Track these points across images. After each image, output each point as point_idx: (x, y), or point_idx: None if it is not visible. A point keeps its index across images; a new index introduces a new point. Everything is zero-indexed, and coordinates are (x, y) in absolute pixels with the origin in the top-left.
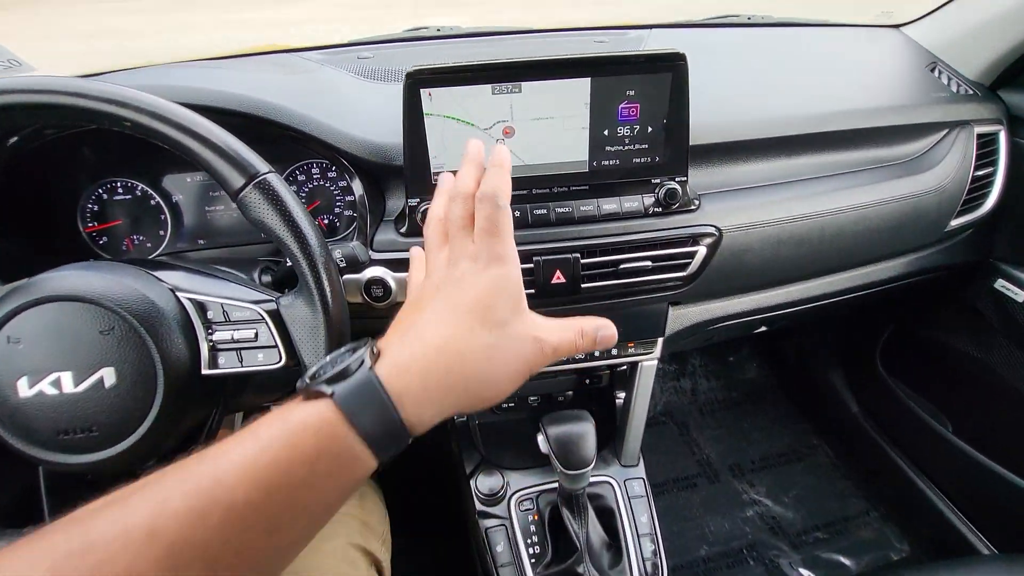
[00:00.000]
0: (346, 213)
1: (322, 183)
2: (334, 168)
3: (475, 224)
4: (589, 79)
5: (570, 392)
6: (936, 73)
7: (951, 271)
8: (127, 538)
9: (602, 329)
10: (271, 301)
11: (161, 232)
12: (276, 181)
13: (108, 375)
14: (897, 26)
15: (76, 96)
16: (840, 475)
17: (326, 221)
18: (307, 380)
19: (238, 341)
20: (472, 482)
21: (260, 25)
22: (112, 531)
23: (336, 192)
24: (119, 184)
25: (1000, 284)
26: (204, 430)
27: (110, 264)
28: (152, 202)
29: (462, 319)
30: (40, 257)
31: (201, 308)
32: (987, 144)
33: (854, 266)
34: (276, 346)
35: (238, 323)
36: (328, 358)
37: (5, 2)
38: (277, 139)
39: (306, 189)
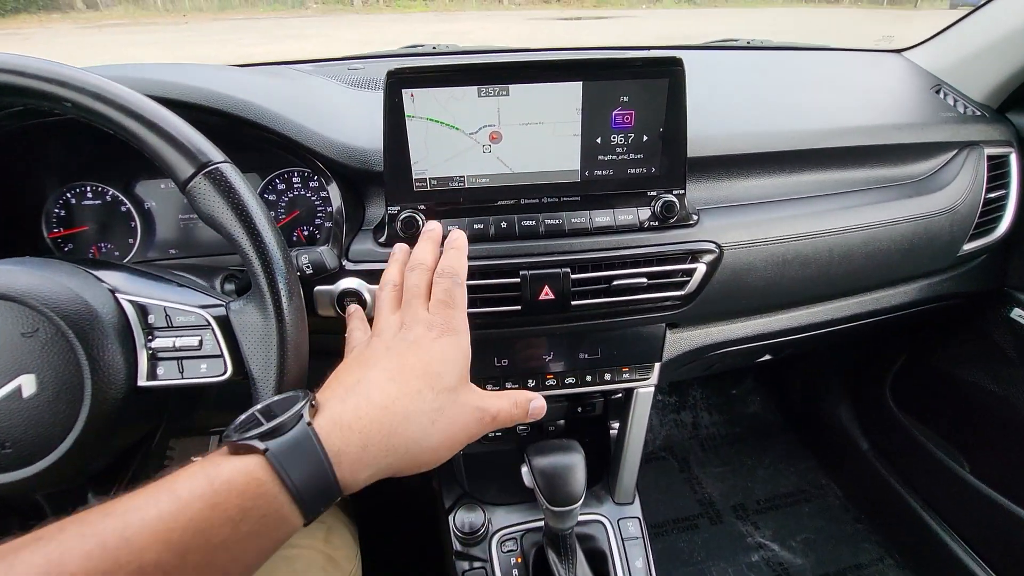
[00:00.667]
0: (327, 224)
1: (303, 192)
2: (316, 177)
3: (432, 295)
4: (581, 83)
5: (561, 421)
6: (942, 95)
7: (965, 299)
8: None
9: (534, 400)
10: (220, 306)
11: (130, 240)
12: (230, 171)
13: (27, 383)
14: (899, 51)
15: (12, 73)
16: (851, 518)
17: (306, 232)
18: (234, 431)
19: (180, 349)
20: (451, 518)
21: (273, 58)
22: None
23: (317, 202)
24: (88, 188)
25: (1017, 314)
26: (142, 451)
27: (45, 261)
28: (123, 208)
29: (411, 382)
30: None
31: (142, 312)
32: (998, 166)
33: (864, 290)
34: (222, 356)
35: (181, 329)
36: (260, 406)
37: (27, 31)
38: (257, 145)
39: (286, 198)
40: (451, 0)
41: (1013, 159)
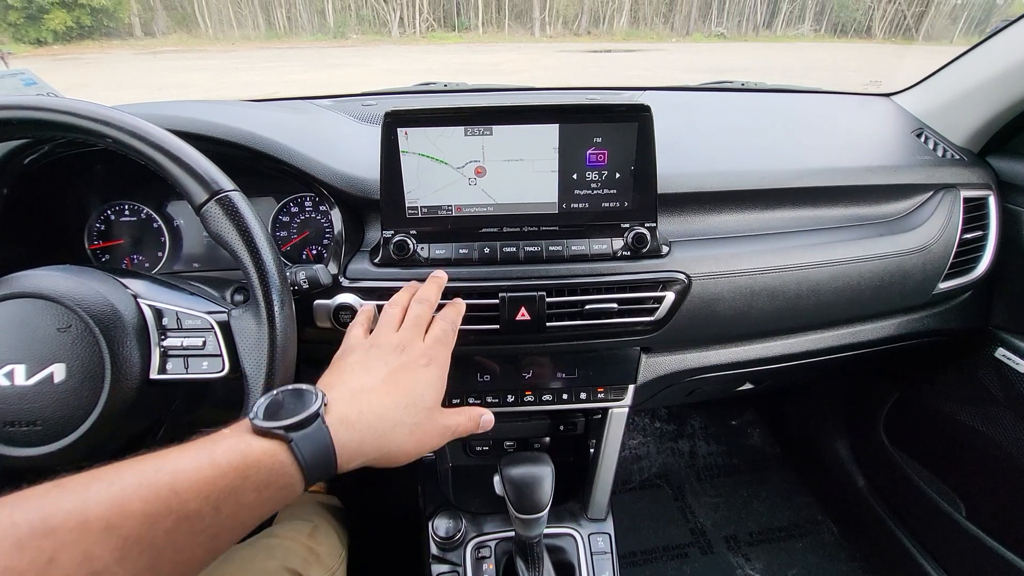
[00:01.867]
0: (333, 245)
1: (314, 215)
2: (322, 203)
3: (431, 331)
4: (557, 125)
5: (547, 439)
6: (922, 139)
7: (949, 337)
8: (86, 528)
9: (484, 415)
10: (223, 312)
11: (159, 253)
12: (238, 199)
13: (59, 371)
14: (888, 95)
15: (66, 114)
16: (845, 556)
17: (314, 251)
18: (262, 415)
19: (187, 348)
20: (430, 524)
21: (312, 85)
22: (72, 520)
23: (325, 224)
24: (126, 206)
25: (1001, 353)
26: (147, 440)
27: (81, 268)
28: (155, 225)
29: (402, 398)
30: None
31: (158, 315)
32: (976, 208)
33: (837, 324)
34: (221, 355)
35: (189, 331)
36: (277, 395)
37: (90, 56)
38: (274, 173)
39: (298, 220)
40: (484, 32)
41: (992, 201)
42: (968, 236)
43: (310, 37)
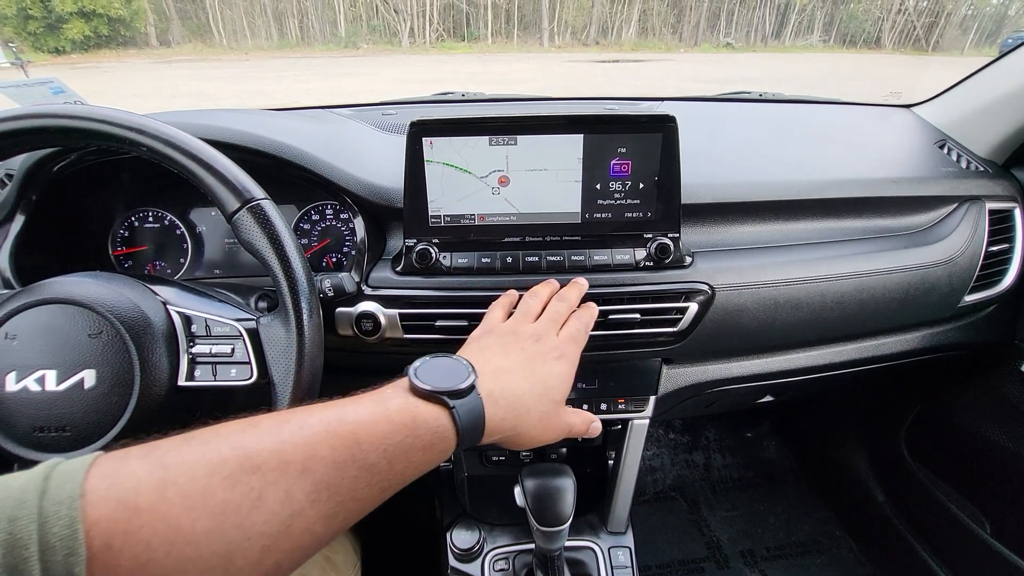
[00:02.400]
0: (352, 253)
1: (334, 223)
2: (345, 211)
3: (566, 328)
4: (582, 135)
5: (564, 449)
6: (945, 150)
7: (974, 351)
8: (286, 469)
9: (595, 422)
10: (251, 320)
11: (181, 260)
12: (269, 207)
13: (89, 377)
14: (908, 106)
15: (103, 123)
16: (864, 573)
17: (334, 259)
18: (419, 379)
19: (215, 355)
20: (448, 535)
21: (323, 93)
22: (275, 459)
23: (346, 232)
24: (150, 213)
25: None
26: None
27: (111, 275)
28: (177, 231)
29: (536, 385)
30: (68, 273)
31: (187, 321)
32: (1002, 221)
33: (861, 336)
34: (249, 363)
35: (218, 338)
36: (430, 359)
37: (107, 65)
38: (297, 181)
39: (319, 227)
40: (493, 42)
41: (1018, 214)
42: (994, 249)
43: (322, 47)
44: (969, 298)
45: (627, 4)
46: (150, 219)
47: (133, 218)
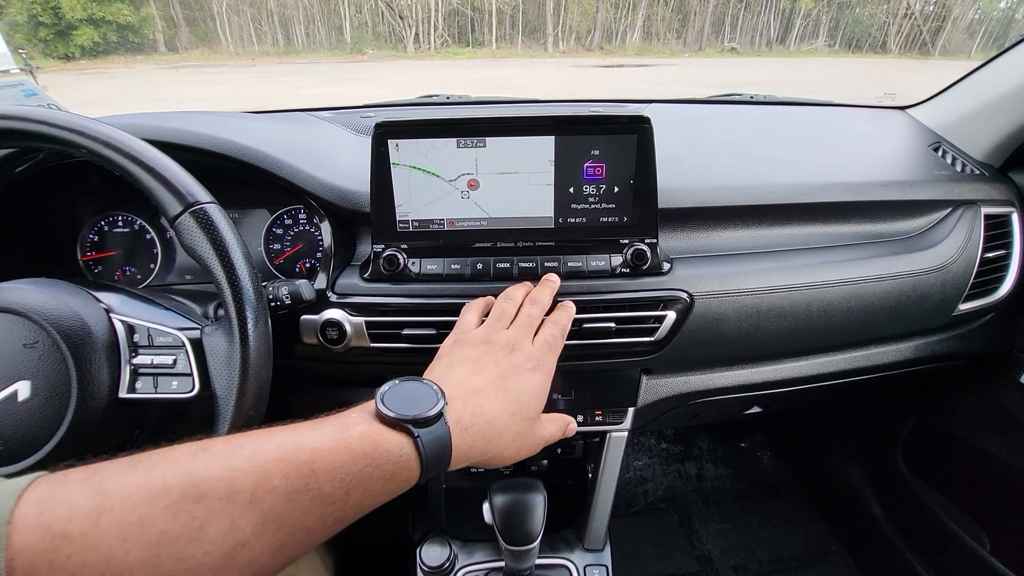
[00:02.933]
0: (324, 258)
1: (307, 228)
2: (316, 215)
3: (540, 334)
4: (553, 137)
5: (544, 461)
6: (940, 153)
7: (971, 361)
8: (233, 499)
9: (571, 423)
10: (196, 329)
11: (151, 265)
12: (214, 211)
13: (23, 388)
14: (903, 107)
15: (41, 124)
16: None
17: (307, 265)
18: (386, 406)
19: (156, 366)
20: (419, 551)
21: (328, 98)
22: (222, 488)
23: (318, 237)
24: (120, 217)
25: None
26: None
27: (54, 281)
28: (147, 236)
29: (509, 405)
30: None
31: (130, 330)
32: (998, 226)
33: (850, 346)
34: (191, 374)
35: (160, 348)
36: (399, 383)
37: (115, 71)
38: (266, 185)
39: (292, 232)
40: (497, 48)
41: (1015, 219)
42: (990, 255)
43: (328, 53)
44: (964, 306)
45: (631, 10)
46: (120, 224)
47: (103, 222)
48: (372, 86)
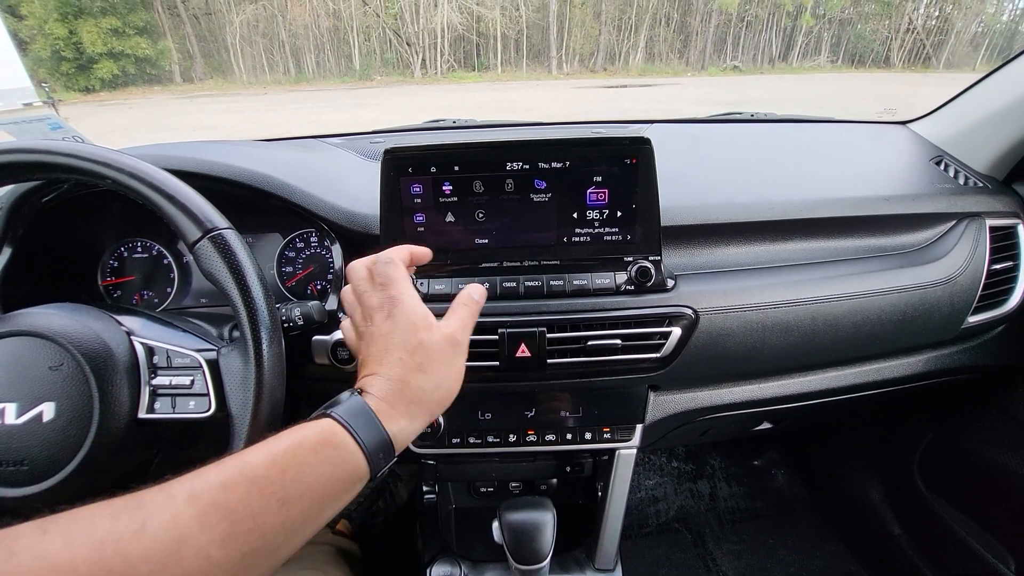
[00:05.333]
0: (336, 280)
1: (319, 251)
2: (327, 238)
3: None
4: (559, 163)
5: (554, 480)
6: (942, 166)
7: (986, 374)
8: (171, 499)
9: (473, 291)
10: (212, 350)
11: (168, 289)
12: (231, 236)
13: (48, 410)
14: (904, 122)
15: (69, 156)
16: None
17: (319, 287)
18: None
19: (175, 387)
20: (428, 571)
21: (338, 124)
22: (159, 494)
23: (329, 259)
24: (139, 244)
25: None
26: (137, 478)
27: (78, 306)
28: (164, 261)
29: (406, 361)
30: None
31: (150, 352)
32: (1005, 238)
33: (858, 361)
34: (208, 395)
35: (179, 369)
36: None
37: (133, 101)
38: (279, 210)
39: (304, 255)
40: (503, 71)
41: (1021, 230)
42: (997, 267)
43: (338, 79)
44: (973, 319)
45: (633, 31)
46: (138, 249)
47: (122, 248)
48: (380, 111)
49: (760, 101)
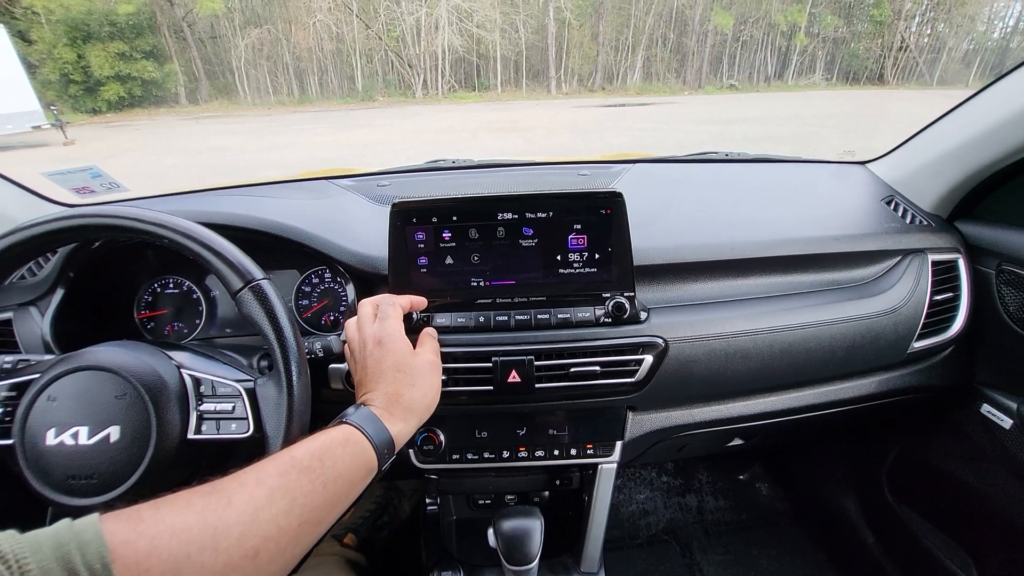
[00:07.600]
0: (349, 314)
1: (332, 286)
2: (341, 277)
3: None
4: (543, 216)
5: (546, 493)
6: (892, 206)
7: (935, 393)
8: (243, 484)
9: (431, 329)
10: (250, 381)
11: (197, 321)
12: (267, 287)
13: (114, 432)
14: (864, 162)
15: (134, 221)
16: None
17: (332, 318)
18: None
19: (219, 412)
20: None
21: (341, 144)
22: (232, 481)
23: (342, 294)
24: (170, 280)
25: (986, 409)
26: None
27: (135, 343)
28: (194, 296)
29: (399, 379)
30: (98, 336)
31: (196, 383)
32: (947, 271)
33: (814, 383)
34: (247, 418)
35: (222, 397)
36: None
37: (139, 123)
38: (298, 250)
39: (319, 290)
40: (503, 91)
41: (962, 264)
42: (939, 297)
43: (340, 101)
44: (919, 344)
45: (631, 51)
46: (170, 286)
47: (156, 285)
48: (383, 132)
49: (757, 119)
